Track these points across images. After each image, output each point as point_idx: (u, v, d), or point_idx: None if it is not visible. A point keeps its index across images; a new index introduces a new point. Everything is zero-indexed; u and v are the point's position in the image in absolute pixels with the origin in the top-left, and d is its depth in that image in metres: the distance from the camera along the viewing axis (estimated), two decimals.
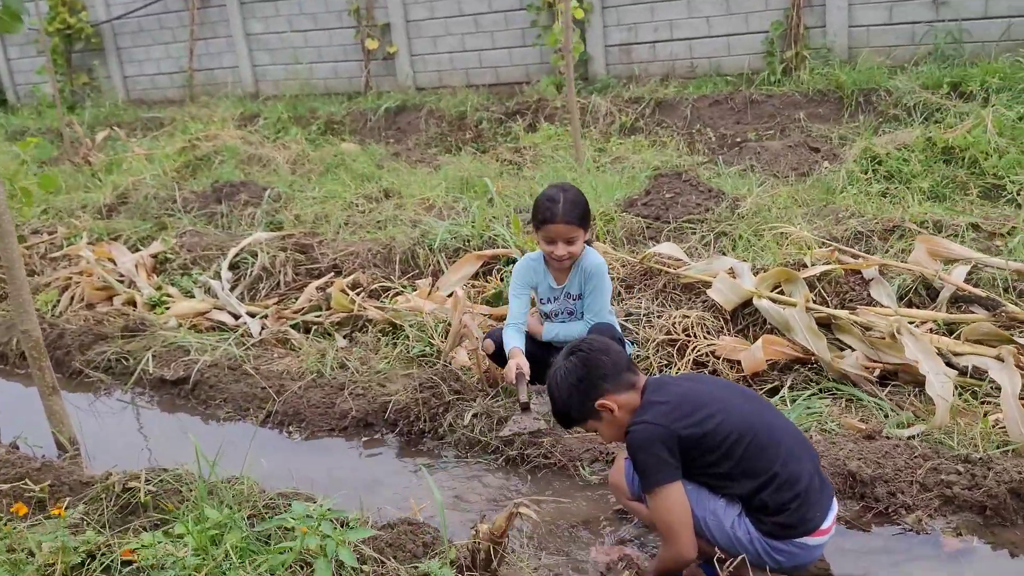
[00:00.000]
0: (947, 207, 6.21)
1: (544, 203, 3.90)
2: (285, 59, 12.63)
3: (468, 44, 11.45)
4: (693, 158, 8.33)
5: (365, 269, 6.00)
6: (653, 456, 2.81)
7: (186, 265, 6.55)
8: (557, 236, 3.90)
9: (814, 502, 2.82)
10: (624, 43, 10.58)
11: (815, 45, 9.61)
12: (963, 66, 8.70)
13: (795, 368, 4.33)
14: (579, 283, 4.07)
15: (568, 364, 3.01)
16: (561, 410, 3.08)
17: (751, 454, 2.80)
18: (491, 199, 7.19)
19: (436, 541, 3.11)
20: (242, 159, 9.63)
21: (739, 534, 2.83)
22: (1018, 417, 3.49)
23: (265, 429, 4.52)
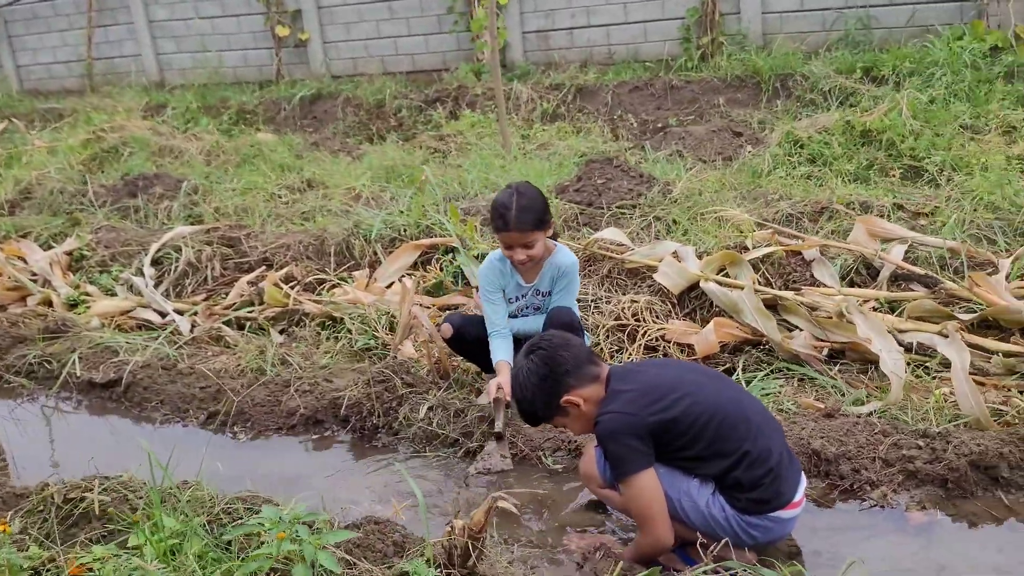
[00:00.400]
0: (871, 189, 6.36)
1: (498, 210, 3.78)
2: (191, 47, 12.20)
3: (383, 31, 11.25)
4: (619, 144, 8.35)
5: (298, 261, 5.82)
6: (624, 445, 2.79)
7: (104, 262, 6.24)
8: (513, 243, 3.80)
9: (785, 476, 2.84)
10: (541, 30, 10.55)
11: (730, 31, 9.75)
12: (873, 51, 8.96)
13: (746, 349, 4.37)
14: (550, 280, 3.99)
15: (529, 364, 2.97)
16: (527, 410, 3.05)
17: (722, 434, 2.80)
18: (420, 188, 7.08)
19: (406, 540, 3.02)
20: (153, 151, 9.26)
21: (714, 512, 2.83)
22: (968, 391, 3.58)
23: (207, 431, 4.33)
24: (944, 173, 6.39)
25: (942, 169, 6.45)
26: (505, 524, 3.29)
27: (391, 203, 6.77)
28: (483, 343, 4.01)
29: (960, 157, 6.62)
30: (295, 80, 11.56)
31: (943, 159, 6.55)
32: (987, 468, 3.22)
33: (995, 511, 3.17)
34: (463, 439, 3.85)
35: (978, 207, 5.47)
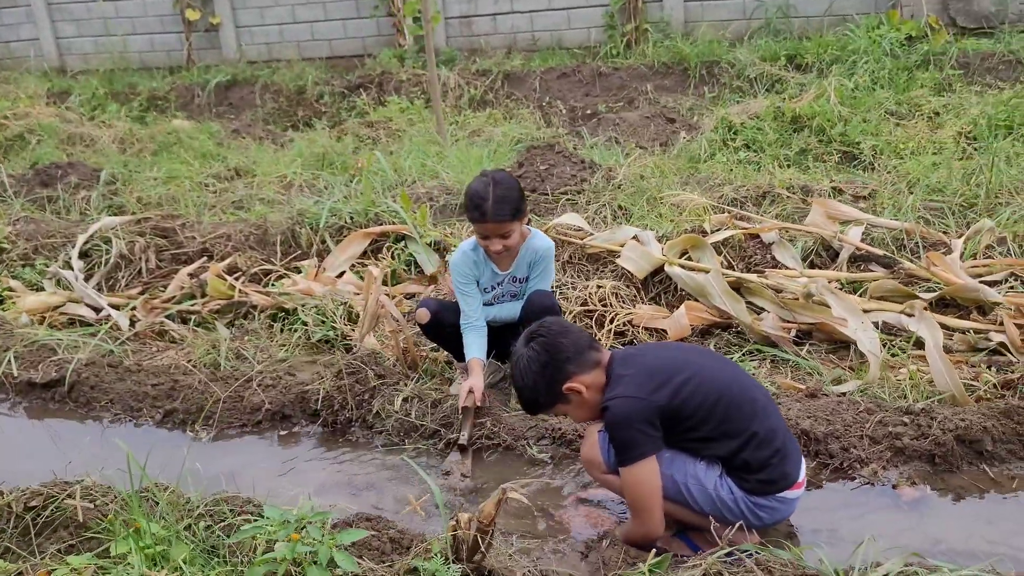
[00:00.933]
0: (809, 173, 6.48)
1: (473, 200, 3.64)
2: (94, 31, 11.65)
3: (299, 15, 10.96)
4: (553, 130, 8.31)
5: (240, 252, 5.58)
6: (635, 430, 2.74)
7: (27, 255, 5.86)
8: (490, 234, 3.69)
9: (790, 456, 2.85)
10: (464, 15, 10.43)
11: (653, 19, 9.82)
12: (794, 40, 9.15)
13: (716, 332, 4.38)
14: (527, 266, 3.90)
15: (530, 352, 2.90)
16: (529, 399, 2.97)
17: (729, 415, 2.78)
18: (353, 176, 6.90)
19: (403, 536, 2.91)
20: (61, 139, 8.82)
21: (723, 495, 2.81)
22: (943, 367, 3.66)
23: (164, 430, 4.10)
24: (879, 158, 6.55)
25: (875, 154, 6.62)
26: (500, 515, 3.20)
27: (325, 191, 6.58)
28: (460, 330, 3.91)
29: (888, 142, 6.81)
30: (207, 66, 11.15)
31: (874, 144, 6.73)
32: (972, 442, 3.30)
33: (981, 484, 3.24)
34: (443, 430, 3.74)
35: (915, 190, 5.62)
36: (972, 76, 8.00)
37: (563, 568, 2.81)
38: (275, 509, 2.57)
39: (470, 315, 3.89)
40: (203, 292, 5.24)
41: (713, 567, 2.52)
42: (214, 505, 3.01)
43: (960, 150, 6.44)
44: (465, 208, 3.75)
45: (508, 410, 3.88)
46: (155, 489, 3.00)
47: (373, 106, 9.39)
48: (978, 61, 8.11)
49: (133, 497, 2.89)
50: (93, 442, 3.98)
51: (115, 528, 2.80)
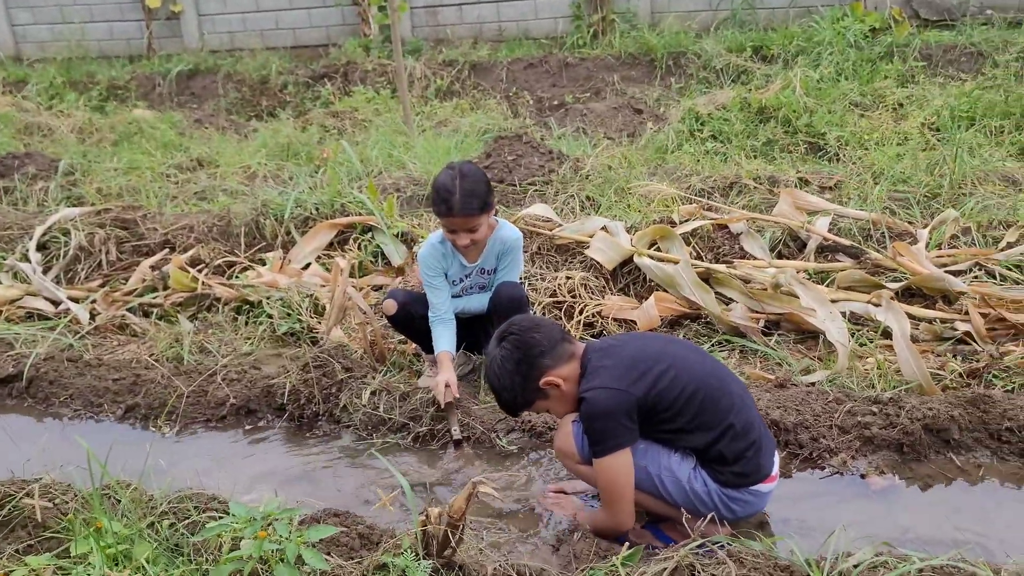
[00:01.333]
0: (776, 164, 6.51)
1: (440, 194, 3.57)
2: (50, 18, 11.42)
3: (263, 4, 10.83)
4: (520, 121, 8.28)
5: (203, 243, 5.49)
6: (612, 421, 2.72)
7: None
8: (457, 227, 3.63)
9: (765, 449, 2.84)
10: (430, 5, 10.37)
11: (620, 9, 9.82)
12: (760, 31, 9.19)
13: (685, 323, 4.38)
14: (495, 258, 3.85)
15: (502, 351, 2.86)
16: (507, 400, 2.94)
17: (706, 406, 2.76)
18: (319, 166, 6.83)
19: (372, 532, 2.87)
20: (18, 128, 8.64)
21: (696, 487, 2.80)
22: (910, 357, 3.68)
23: (126, 425, 4.02)
24: (844, 149, 6.59)
25: (840, 145, 6.66)
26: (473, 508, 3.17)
27: (290, 181, 6.50)
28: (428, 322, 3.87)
29: (853, 133, 6.86)
30: (169, 55, 10.97)
31: (840, 135, 6.77)
32: (939, 431, 3.32)
33: (948, 472, 3.26)
34: (411, 423, 3.70)
35: (880, 180, 5.66)
36: (935, 68, 8.08)
37: (534, 562, 2.78)
38: (241, 506, 2.52)
39: (438, 308, 3.84)
40: (165, 285, 5.15)
41: (685, 559, 2.50)
42: (178, 502, 2.95)
43: (924, 141, 6.49)
44: (431, 202, 3.69)
45: (478, 402, 3.85)
46: (117, 487, 2.92)
47: (338, 96, 9.30)
48: (940, 53, 8.19)
49: (94, 495, 2.82)
50: (52, 439, 3.88)
51: (75, 527, 2.73)
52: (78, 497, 2.94)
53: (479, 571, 2.61)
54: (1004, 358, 3.75)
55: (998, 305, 4.09)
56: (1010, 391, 3.59)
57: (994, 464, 3.29)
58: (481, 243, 3.77)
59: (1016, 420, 3.30)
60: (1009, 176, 5.66)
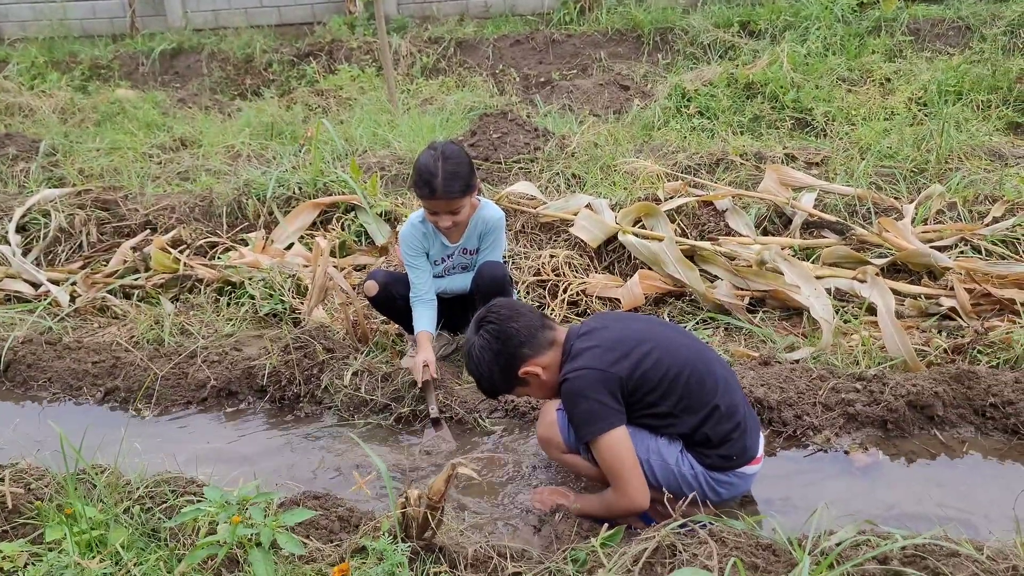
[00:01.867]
0: (762, 140, 6.47)
1: (422, 176, 3.51)
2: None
3: None
4: (506, 98, 8.21)
5: (185, 224, 5.43)
6: (595, 402, 2.66)
7: None
8: (440, 210, 3.59)
9: (750, 431, 2.81)
10: None
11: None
12: (747, 6, 9.12)
13: (669, 301, 4.35)
14: (477, 237, 3.81)
15: (481, 340, 2.81)
16: (487, 387, 2.90)
17: (691, 389, 2.72)
18: (302, 145, 6.76)
19: (352, 514, 2.85)
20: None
21: (683, 471, 2.77)
22: (894, 333, 3.66)
23: (105, 408, 3.97)
24: (831, 124, 6.55)
25: (827, 120, 6.63)
26: (453, 490, 3.15)
27: (274, 161, 6.43)
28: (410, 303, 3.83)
29: (840, 108, 6.82)
30: (152, 33, 10.83)
31: (827, 111, 6.73)
32: (923, 407, 3.30)
33: (931, 448, 3.25)
34: (393, 404, 3.67)
35: (867, 155, 5.62)
36: (922, 42, 8.04)
37: (516, 543, 2.75)
38: (216, 490, 2.48)
39: (419, 288, 3.81)
40: (146, 266, 5.10)
41: (666, 539, 2.48)
42: (154, 486, 2.92)
43: (911, 116, 6.46)
44: (413, 184, 3.63)
45: (460, 382, 3.82)
46: (92, 471, 2.88)
47: (323, 74, 9.22)
48: (928, 27, 8.15)
49: (69, 480, 2.78)
50: (30, 423, 3.83)
51: (48, 513, 2.69)
52: (53, 482, 2.90)
53: (459, 553, 2.59)
54: (989, 334, 3.73)
55: (983, 280, 4.07)
56: (995, 367, 3.57)
57: (978, 440, 3.27)
58: (463, 224, 3.72)
59: (1000, 396, 3.28)
60: (995, 150, 5.64)
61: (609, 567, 2.43)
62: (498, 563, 2.56)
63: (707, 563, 2.36)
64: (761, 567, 2.36)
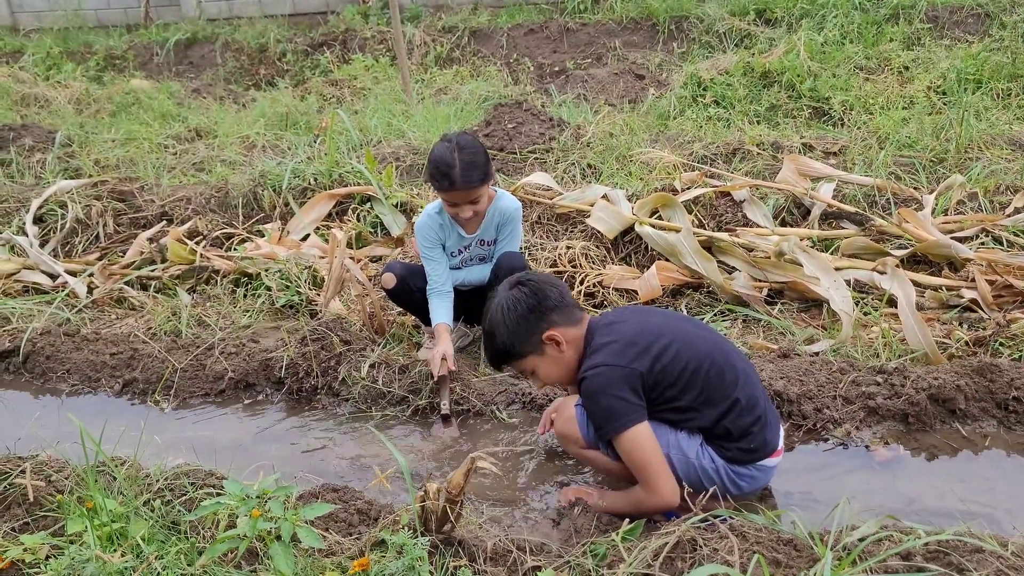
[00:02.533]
0: (779, 130, 6.42)
1: (440, 168, 3.48)
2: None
3: None
4: (520, 88, 8.18)
5: (201, 215, 5.44)
6: (616, 399, 2.64)
7: None
8: (459, 201, 3.56)
9: (770, 423, 2.79)
10: None
11: None
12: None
13: (687, 292, 4.33)
14: (494, 228, 3.80)
15: (515, 294, 2.78)
16: (503, 343, 2.82)
17: (712, 382, 2.70)
18: (317, 136, 6.76)
19: (371, 507, 2.85)
20: (14, 100, 8.58)
21: (704, 464, 2.75)
22: (916, 326, 3.63)
23: (123, 400, 3.98)
24: (849, 113, 6.50)
25: (845, 109, 6.57)
26: (472, 483, 3.14)
27: (289, 151, 6.43)
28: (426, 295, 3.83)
29: (858, 97, 6.76)
30: (166, 23, 10.85)
31: (844, 99, 6.68)
32: (944, 401, 3.27)
33: (953, 443, 3.22)
34: (411, 396, 3.66)
35: (885, 145, 5.57)
36: (941, 30, 7.95)
37: (534, 537, 2.75)
38: (236, 484, 2.48)
39: (436, 280, 3.79)
40: (163, 257, 5.11)
41: (687, 534, 2.47)
42: (174, 479, 2.92)
43: (930, 105, 6.40)
44: (430, 176, 3.60)
45: (477, 375, 3.81)
46: (112, 464, 2.89)
47: (337, 64, 9.20)
48: (947, 15, 8.06)
49: (89, 473, 2.79)
50: (49, 415, 3.85)
51: (68, 506, 2.70)
52: (73, 475, 2.91)
53: (479, 546, 2.58)
54: (1011, 325, 3.70)
55: (1005, 272, 4.03)
56: (1017, 359, 3.54)
57: (1000, 434, 3.24)
58: (482, 214, 3.71)
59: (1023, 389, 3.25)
60: (1016, 140, 5.58)
61: (629, 562, 2.42)
62: (517, 557, 2.56)
63: (728, 558, 2.35)
64: (783, 562, 2.35)
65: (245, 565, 2.49)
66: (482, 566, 2.52)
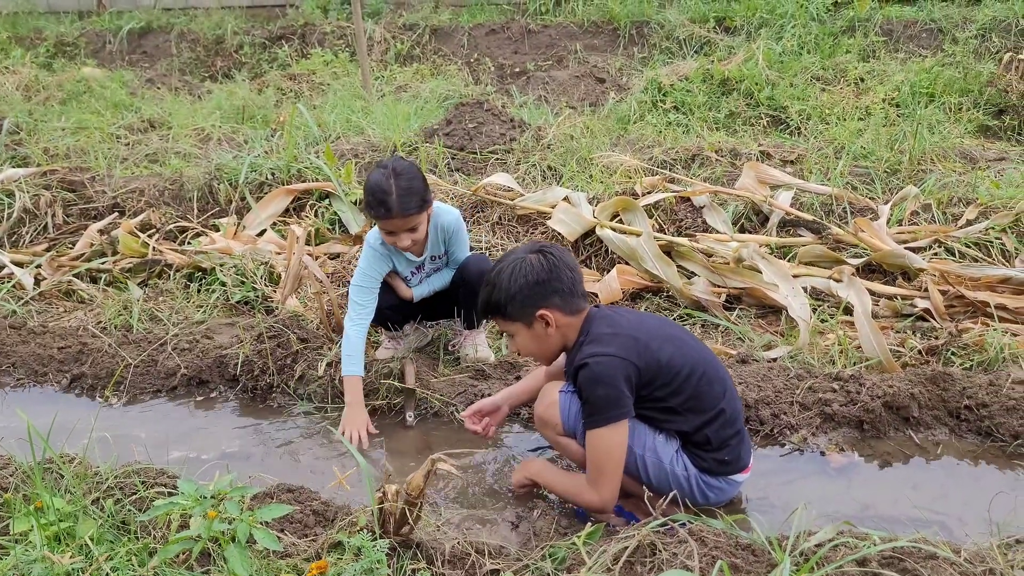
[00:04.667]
0: (737, 137, 6.48)
1: (376, 196, 3.36)
2: None
3: None
4: (481, 87, 8.15)
5: (154, 208, 5.33)
6: (614, 390, 2.62)
7: None
8: (397, 229, 3.45)
9: (746, 440, 2.83)
10: None
11: None
12: (723, 2, 9.12)
13: (646, 296, 4.34)
14: (441, 244, 3.74)
15: (532, 260, 2.73)
16: (498, 300, 2.76)
17: (702, 389, 2.70)
18: (275, 130, 6.67)
19: (328, 508, 2.80)
20: None
21: (677, 471, 2.75)
22: (870, 334, 3.67)
23: (72, 395, 3.89)
24: (806, 123, 6.58)
25: (802, 118, 6.65)
26: (431, 485, 3.10)
27: (246, 145, 6.33)
28: (396, 308, 3.81)
29: (815, 107, 6.85)
30: (120, 11, 10.64)
31: (801, 109, 6.76)
32: (898, 408, 3.31)
33: (907, 450, 3.27)
34: (368, 396, 3.61)
35: (842, 155, 5.65)
36: (896, 43, 8.09)
37: (493, 539, 2.73)
38: (190, 483, 2.43)
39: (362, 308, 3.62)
40: (114, 250, 5.00)
41: (647, 538, 2.47)
42: (124, 477, 2.85)
43: (885, 116, 6.50)
44: (366, 205, 3.47)
45: (436, 375, 3.78)
46: (60, 461, 2.81)
47: (296, 58, 9.10)
48: (901, 28, 8.20)
49: (35, 470, 2.71)
50: None
51: (15, 504, 2.62)
52: (19, 472, 2.83)
53: (437, 549, 2.55)
54: (962, 335, 3.76)
55: (957, 282, 4.10)
56: (968, 369, 3.60)
57: (952, 442, 3.30)
58: (422, 240, 3.60)
59: (974, 398, 3.31)
60: (967, 153, 5.69)
61: (589, 565, 2.40)
62: (476, 560, 2.53)
63: (687, 563, 2.35)
64: (741, 567, 2.36)
65: (198, 567, 2.43)
66: (440, 569, 2.49)
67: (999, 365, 3.60)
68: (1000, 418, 3.27)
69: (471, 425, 3.20)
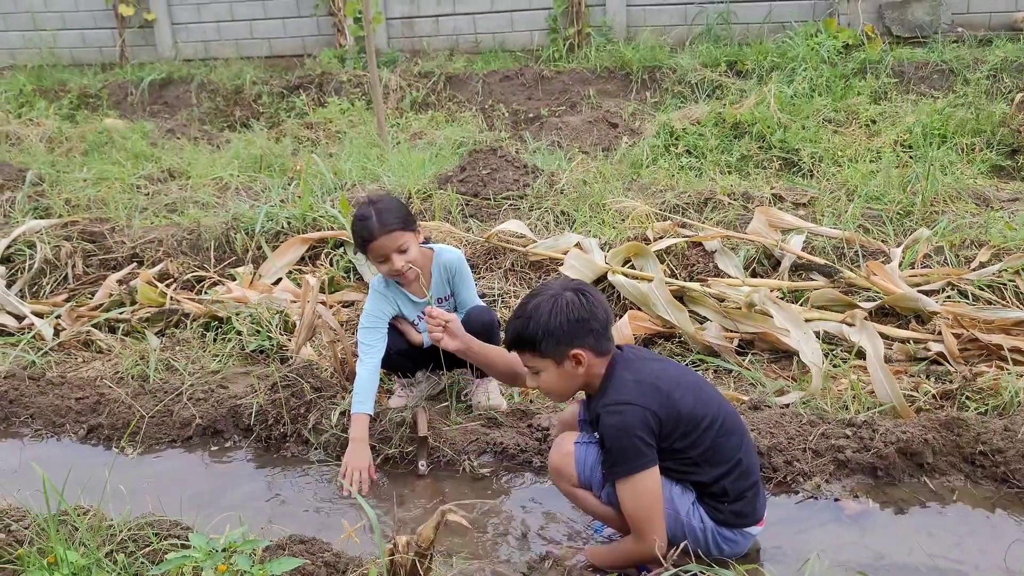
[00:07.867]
0: (750, 180, 6.51)
1: (358, 224, 3.53)
2: (21, 24, 11.30)
3: (237, 13, 10.74)
4: (495, 134, 8.24)
5: (172, 257, 5.41)
6: (638, 439, 2.60)
7: None
8: (386, 251, 3.52)
9: (761, 493, 2.81)
10: (406, 16, 10.32)
11: (596, 23, 9.82)
12: (735, 46, 9.21)
13: (658, 342, 4.34)
14: (446, 283, 3.77)
15: (571, 298, 2.70)
16: (533, 334, 2.72)
17: (720, 441, 2.69)
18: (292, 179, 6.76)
19: (339, 560, 2.81)
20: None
21: (693, 522, 2.74)
22: (884, 379, 3.66)
23: (88, 446, 3.92)
24: (818, 165, 6.60)
25: (814, 161, 6.68)
26: (442, 535, 3.11)
27: (263, 194, 6.42)
28: (407, 355, 3.85)
29: (827, 149, 6.87)
30: (142, 63, 10.86)
31: (813, 151, 6.79)
32: (913, 455, 3.29)
33: (921, 496, 3.24)
34: (380, 446, 3.63)
35: (854, 197, 5.66)
36: (907, 85, 8.12)
37: None
38: (201, 537, 2.44)
39: (371, 348, 3.68)
40: (132, 300, 5.07)
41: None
42: (138, 529, 2.87)
43: (897, 158, 6.52)
44: (354, 240, 3.62)
45: (448, 423, 3.79)
46: (74, 513, 2.84)
47: (313, 107, 9.23)
48: (912, 70, 8.24)
49: (50, 523, 2.74)
50: (11, 461, 3.78)
51: (30, 558, 2.64)
52: (35, 525, 2.86)
53: None
54: (976, 379, 3.74)
55: (970, 325, 4.09)
56: (982, 413, 3.58)
57: (967, 488, 3.27)
58: (419, 265, 3.61)
59: (989, 444, 3.28)
60: (980, 194, 5.69)
61: None
62: None
63: None
64: None
65: None
66: None
67: (1014, 409, 3.57)
68: (1016, 464, 3.24)
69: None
